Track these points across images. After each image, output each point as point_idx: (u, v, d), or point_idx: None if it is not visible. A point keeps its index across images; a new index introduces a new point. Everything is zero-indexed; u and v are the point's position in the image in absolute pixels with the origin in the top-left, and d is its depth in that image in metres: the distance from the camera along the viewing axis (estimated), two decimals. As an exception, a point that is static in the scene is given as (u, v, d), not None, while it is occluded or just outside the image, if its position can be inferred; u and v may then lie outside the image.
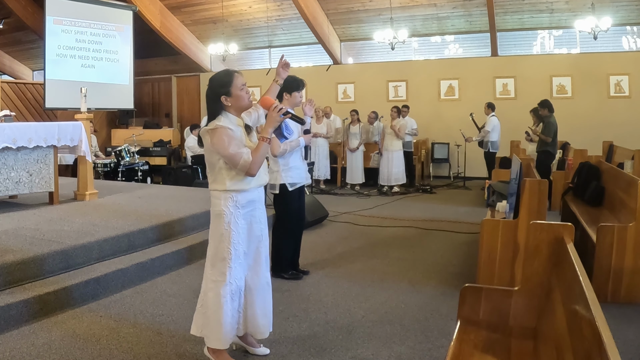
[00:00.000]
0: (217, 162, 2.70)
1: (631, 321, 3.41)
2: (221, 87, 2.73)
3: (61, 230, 4.40)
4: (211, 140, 2.66)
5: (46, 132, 5.23)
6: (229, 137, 2.64)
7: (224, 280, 2.72)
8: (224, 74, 2.78)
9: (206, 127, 2.71)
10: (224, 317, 2.71)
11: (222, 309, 2.70)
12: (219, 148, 2.64)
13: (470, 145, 9.79)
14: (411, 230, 6.24)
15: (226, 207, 2.71)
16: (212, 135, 2.65)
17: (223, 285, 2.72)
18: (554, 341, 1.99)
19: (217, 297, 2.72)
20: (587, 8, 8.89)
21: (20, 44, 13.59)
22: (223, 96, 2.71)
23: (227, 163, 2.68)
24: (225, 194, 2.71)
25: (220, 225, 2.73)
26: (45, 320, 3.37)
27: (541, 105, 7.79)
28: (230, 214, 2.71)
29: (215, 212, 2.75)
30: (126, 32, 10.28)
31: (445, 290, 4.06)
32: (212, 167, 2.74)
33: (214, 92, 2.74)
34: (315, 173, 9.29)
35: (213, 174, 2.75)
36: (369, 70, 11.76)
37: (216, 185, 2.74)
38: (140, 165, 9.02)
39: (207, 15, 11.90)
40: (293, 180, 4.24)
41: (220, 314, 2.70)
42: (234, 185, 2.71)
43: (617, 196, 4.67)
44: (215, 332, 2.72)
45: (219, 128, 2.65)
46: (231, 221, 2.71)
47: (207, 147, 2.71)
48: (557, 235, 2.29)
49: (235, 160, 2.64)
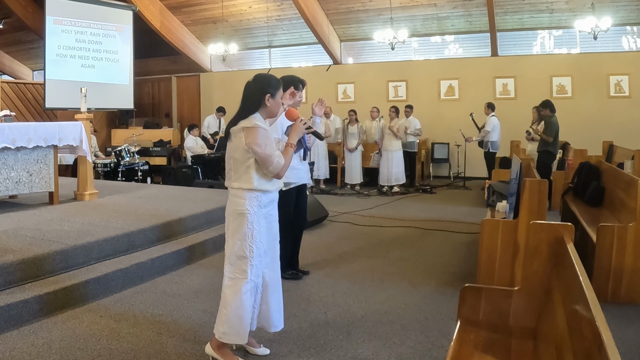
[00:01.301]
0: (246, 161, 2.70)
1: (631, 321, 3.41)
2: (270, 87, 2.78)
3: (61, 230, 4.40)
4: (248, 138, 2.66)
5: (46, 132, 5.23)
6: (266, 137, 2.69)
7: (245, 277, 2.75)
8: (275, 78, 2.87)
9: (242, 124, 2.70)
10: (245, 313, 2.76)
11: (243, 305, 2.75)
12: (256, 147, 2.66)
13: (470, 145, 9.79)
14: (411, 230, 6.24)
15: (250, 206, 2.73)
16: (250, 133, 2.66)
17: (244, 283, 2.75)
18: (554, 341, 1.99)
19: (238, 293, 2.74)
20: (587, 8, 8.89)
21: (20, 44, 13.59)
22: (268, 95, 2.75)
23: (257, 162, 2.70)
24: (250, 194, 2.73)
25: (242, 224, 2.74)
26: (45, 320, 3.37)
27: (543, 105, 7.78)
28: (254, 213, 2.74)
29: (237, 211, 2.75)
30: (126, 32, 10.28)
31: (445, 290, 4.06)
32: (239, 165, 2.73)
33: (261, 88, 2.76)
34: (315, 173, 9.29)
35: (238, 173, 2.74)
36: (369, 70, 11.76)
37: (241, 184, 2.73)
38: (140, 165, 9.02)
39: (207, 15, 11.90)
40: (288, 180, 4.22)
41: (241, 310, 2.74)
42: (261, 185, 2.74)
43: (617, 196, 4.67)
44: (236, 328, 2.75)
45: (258, 127, 2.67)
46: (254, 220, 2.74)
47: (238, 144, 2.70)
48: (557, 235, 2.29)
49: (270, 161, 2.68)
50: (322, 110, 4.42)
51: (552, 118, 7.59)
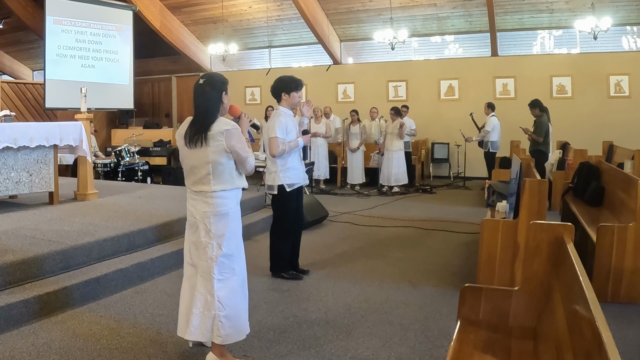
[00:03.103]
0: (227, 163, 2.71)
1: (631, 321, 3.41)
2: (224, 84, 2.78)
3: (61, 230, 4.40)
4: (229, 141, 2.66)
5: (46, 132, 5.23)
6: (243, 137, 2.74)
7: (234, 274, 2.77)
8: (222, 75, 2.86)
9: (219, 127, 2.66)
10: (242, 308, 2.79)
11: (239, 301, 2.78)
12: (239, 149, 2.69)
13: (470, 145, 9.79)
14: (411, 230, 6.24)
15: (233, 205, 2.79)
16: (231, 136, 2.67)
17: (234, 279, 2.77)
18: (554, 341, 1.99)
19: (232, 292, 2.76)
20: (587, 8, 8.89)
21: (20, 44, 13.59)
22: (224, 92, 2.77)
23: (235, 162, 2.74)
24: (231, 193, 2.76)
25: (226, 225, 2.75)
26: (45, 320, 3.37)
27: (532, 105, 7.79)
28: (235, 212, 2.80)
29: (221, 212, 2.73)
30: (126, 32, 10.28)
31: (445, 290, 4.06)
32: (222, 168, 2.70)
33: (219, 88, 2.74)
34: (315, 173, 9.29)
35: (221, 175, 2.71)
36: (369, 70, 11.76)
37: (224, 186, 2.73)
38: (140, 165, 9.01)
39: (207, 15, 11.90)
40: (291, 181, 4.23)
41: (239, 307, 2.78)
42: (241, 183, 2.82)
43: (617, 196, 4.66)
44: (237, 325, 2.76)
45: (236, 129, 2.71)
46: (235, 218, 2.80)
47: (217, 148, 2.66)
48: (557, 235, 2.29)
49: (248, 161, 2.75)
50: (309, 111, 4.45)
51: (542, 117, 7.59)
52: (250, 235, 5.71)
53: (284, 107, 4.25)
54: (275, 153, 4.11)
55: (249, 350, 3.01)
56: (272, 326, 3.36)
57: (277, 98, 4.27)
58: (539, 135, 7.35)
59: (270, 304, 3.77)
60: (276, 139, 4.08)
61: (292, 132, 4.19)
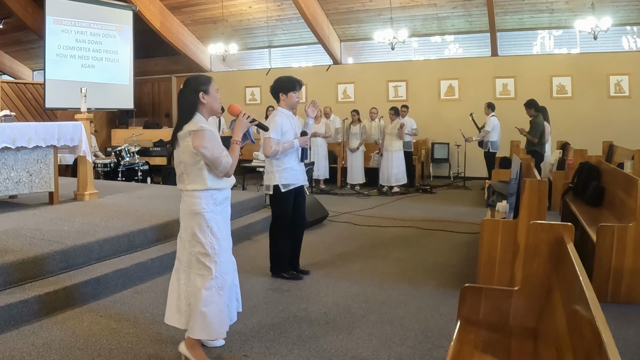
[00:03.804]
0: (197, 163, 2.74)
1: (631, 321, 3.41)
2: (201, 84, 2.80)
3: (61, 230, 4.40)
4: (195, 142, 2.69)
5: (46, 132, 5.23)
6: (213, 139, 2.72)
7: (210, 274, 2.77)
8: (202, 76, 2.90)
9: (187, 128, 2.72)
10: (212, 309, 2.75)
11: (209, 300, 2.75)
12: (203, 149, 2.69)
13: (470, 145, 9.79)
14: (411, 230, 6.24)
15: (206, 205, 2.77)
16: (197, 136, 2.69)
17: (209, 279, 2.76)
18: (554, 341, 1.99)
19: (206, 290, 2.75)
20: (587, 8, 8.89)
21: (20, 44, 13.59)
22: (202, 92, 2.78)
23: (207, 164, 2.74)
24: (205, 193, 2.77)
25: (200, 224, 2.77)
26: (45, 320, 3.37)
27: (527, 105, 7.77)
28: (210, 211, 2.78)
29: (194, 211, 2.77)
30: (126, 32, 10.28)
31: (445, 290, 4.06)
32: (191, 168, 2.76)
33: (193, 88, 2.78)
34: (315, 173, 9.29)
35: (192, 175, 2.77)
36: (369, 70, 11.76)
37: (195, 186, 2.77)
38: (140, 165, 9.01)
39: (207, 15, 11.90)
40: (286, 182, 4.23)
41: (207, 305, 2.74)
42: (215, 183, 2.79)
43: (617, 196, 4.66)
44: (203, 322, 2.75)
45: (203, 130, 2.70)
46: (211, 218, 2.78)
47: (185, 148, 2.74)
48: (557, 235, 2.29)
49: (218, 162, 2.73)
50: (314, 112, 4.42)
51: (537, 118, 7.57)
52: (250, 235, 5.71)
53: (283, 108, 4.26)
54: (268, 153, 4.16)
55: (249, 350, 3.01)
56: (272, 326, 3.36)
57: (276, 98, 4.29)
58: (534, 136, 7.34)
59: (270, 304, 3.77)
60: (269, 140, 4.11)
61: (288, 132, 4.19)
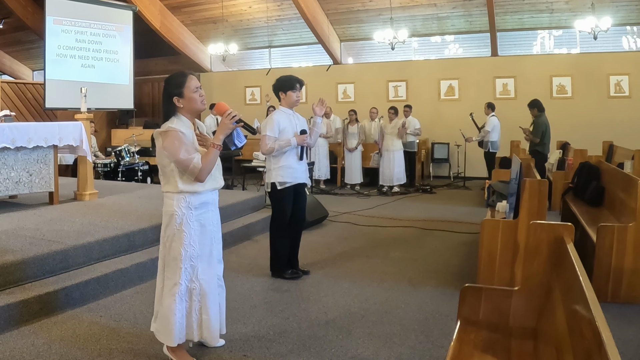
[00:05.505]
0: (169, 164, 2.69)
1: (631, 321, 3.41)
2: (174, 88, 2.72)
3: (61, 230, 4.40)
4: (163, 143, 2.66)
5: (46, 132, 5.23)
6: (180, 140, 2.63)
7: (175, 280, 2.74)
8: (177, 75, 2.77)
9: (158, 129, 2.70)
10: (172, 315, 2.72)
11: (170, 306, 2.73)
12: (170, 151, 2.64)
13: (470, 145, 9.79)
14: (411, 230, 6.24)
15: (178, 207, 2.71)
16: (164, 137, 2.65)
17: (172, 285, 2.75)
18: (554, 341, 1.99)
19: (168, 295, 2.75)
20: (587, 8, 8.89)
21: (20, 44, 13.59)
22: (175, 97, 2.71)
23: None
24: (178, 195, 2.71)
25: (171, 226, 2.73)
26: (45, 320, 3.37)
27: (531, 105, 7.77)
28: (182, 215, 2.71)
29: (168, 212, 2.75)
30: (126, 32, 10.28)
31: (445, 290, 4.06)
32: (164, 169, 2.73)
33: (167, 92, 2.73)
34: (316, 173, 9.29)
35: (166, 176, 2.73)
36: (369, 70, 11.76)
37: (169, 187, 2.73)
38: (140, 165, 9.01)
39: (207, 15, 11.90)
40: (283, 179, 4.24)
41: (168, 311, 2.73)
42: (187, 187, 2.70)
43: (617, 196, 4.66)
44: (165, 327, 2.75)
45: (170, 130, 2.64)
46: (183, 222, 2.71)
47: (158, 150, 2.70)
48: (557, 235, 2.29)
49: (184, 165, 2.64)
50: (322, 110, 4.40)
51: (540, 118, 7.57)
52: (250, 235, 5.71)
53: (283, 107, 4.29)
54: (264, 151, 4.21)
55: (248, 350, 3.01)
56: (272, 326, 3.36)
57: (278, 98, 4.33)
58: (536, 136, 7.33)
59: (270, 304, 3.77)
60: (266, 137, 4.15)
61: (286, 130, 4.20)
